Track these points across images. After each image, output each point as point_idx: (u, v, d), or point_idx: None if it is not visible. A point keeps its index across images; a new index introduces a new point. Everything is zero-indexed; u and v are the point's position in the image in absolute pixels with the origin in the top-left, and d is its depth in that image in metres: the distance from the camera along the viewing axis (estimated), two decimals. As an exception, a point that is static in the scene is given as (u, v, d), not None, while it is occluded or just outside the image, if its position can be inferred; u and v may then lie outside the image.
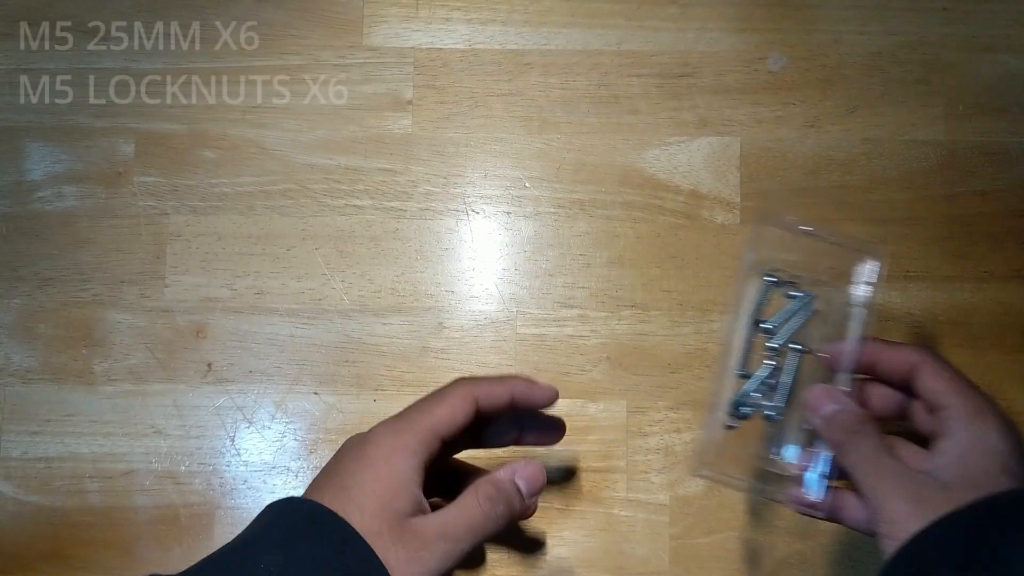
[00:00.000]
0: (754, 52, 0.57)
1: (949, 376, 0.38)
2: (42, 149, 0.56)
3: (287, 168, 0.56)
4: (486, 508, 0.38)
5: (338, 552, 0.34)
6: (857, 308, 0.42)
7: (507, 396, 0.41)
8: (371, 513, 0.36)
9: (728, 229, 0.56)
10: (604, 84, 0.57)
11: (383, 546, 0.35)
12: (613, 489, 0.54)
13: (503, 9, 0.57)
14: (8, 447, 0.54)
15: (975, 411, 0.37)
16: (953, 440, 0.37)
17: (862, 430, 0.39)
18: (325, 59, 0.57)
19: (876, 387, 0.42)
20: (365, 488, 0.37)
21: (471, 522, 0.37)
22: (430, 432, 0.38)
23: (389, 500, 0.36)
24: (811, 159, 0.56)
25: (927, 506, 0.34)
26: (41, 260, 0.56)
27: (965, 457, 0.36)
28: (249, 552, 0.35)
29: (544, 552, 0.54)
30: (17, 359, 0.55)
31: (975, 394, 0.38)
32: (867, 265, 0.43)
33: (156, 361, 0.55)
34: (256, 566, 0.33)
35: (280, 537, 0.35)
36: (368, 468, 0.37)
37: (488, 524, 0.38)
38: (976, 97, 0.57)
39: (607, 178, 0.56)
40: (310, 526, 0.35)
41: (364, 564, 0.34)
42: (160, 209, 0.56)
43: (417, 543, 0.35)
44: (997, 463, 0.35)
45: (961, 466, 0.36)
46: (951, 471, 0.36)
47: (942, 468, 0.36)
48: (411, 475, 0.37)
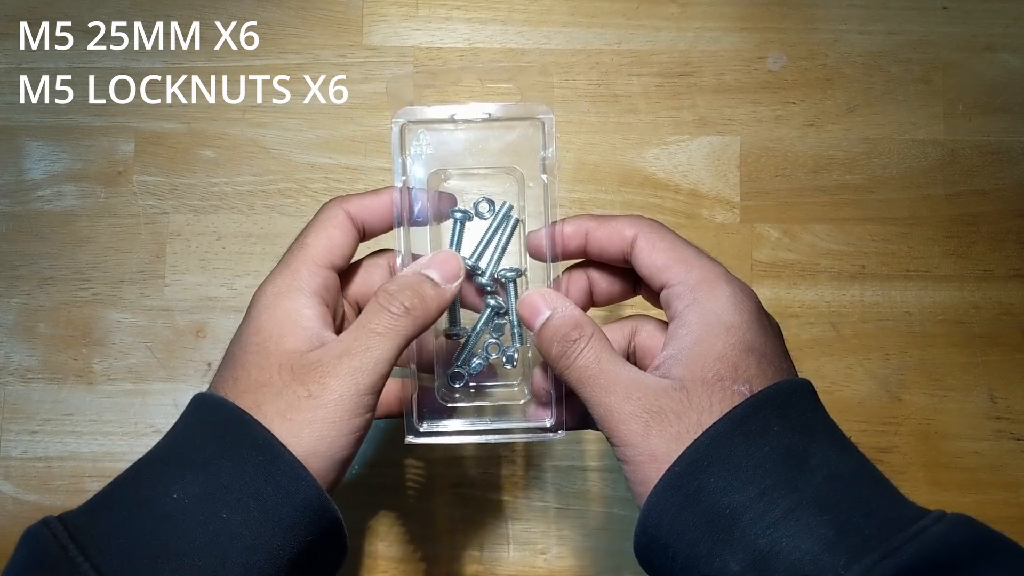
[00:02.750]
0: (754, 51, 0.57)
1: (667, 246, 0.33)
2: (42, 148, 0.56)
3: (287, 167, 0.56)
4: (388, 304, 0.32)
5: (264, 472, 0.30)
6: (543, 178, 0.36)
7: (382, 205, 0.36)
8: (256, 365, 0.32)
9: (728, 228, 0.56)
10: (604, 83, 0.57)
11: (275, 393, 0.31)
12: (613, 489, 0.54)
13: (503, 8, 0.57)
14: (8, 446, 0.54)
15: (700, 283, 0.32)
16: (681, 323, 0.32)
17: (580, 336, 0.32)
18: (325, 58, 0.57)
19: (599, 271, 0.37)
20: (248, 346, 0.32)
21: (375, 326, 0.32)
22: (310, 263, 0.34)
23: (276, 344, 0.32)
24: (811, 158, 0.56)
25: (662, 420, 0.30)
26: (41, 259, 0.56)
27: (698, 344, 0.31)
28: (162, 474, 0.30)
29: (544, 552, 0.54)
30: (17, 358, 0.55)
31: (701, 262, 0.33)
32: (543, 126, 0.36)
33: (156, 360, 0.55)
34: (168, 495, 0.29)
35: (196, 452, 0.31)
36: (251, 325, 0.33)
37: (397, 322, 0.32)
38: (976, 96, 0.57)
39: (607, 177, 0.56)
40: (227, 436, 0.31)
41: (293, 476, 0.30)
42: (160, 208, 0.56)
43: (317, 372, 0.31)
44: (733, 343, 0.30)
45: (693, 357, 0.31)
46: (683, 364, 0.31)
47: (673, 362, 0.31)
48: (299, 310, 0.33)
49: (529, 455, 0.55)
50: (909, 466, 0.55)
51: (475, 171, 0.38)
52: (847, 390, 0.55)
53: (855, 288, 0.56)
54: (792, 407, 0.30)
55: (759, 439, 0.29)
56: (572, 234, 0.35)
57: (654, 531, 0.30)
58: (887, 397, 0.55)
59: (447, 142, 0.37)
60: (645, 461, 0.30)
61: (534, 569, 0.54)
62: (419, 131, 0.37)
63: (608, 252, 0.35)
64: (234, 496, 0.29)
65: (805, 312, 0.56)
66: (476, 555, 0.54)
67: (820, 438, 0.30)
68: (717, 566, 0.28)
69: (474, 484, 0.54)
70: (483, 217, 0.38)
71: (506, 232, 0.38)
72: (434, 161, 0.37)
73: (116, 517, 0.29)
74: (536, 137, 0.36)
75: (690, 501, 0.29)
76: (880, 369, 0.55)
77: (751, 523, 0.27)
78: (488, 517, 0.54)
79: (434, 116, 0.36)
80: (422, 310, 0.33)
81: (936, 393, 0.55)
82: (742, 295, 0.32)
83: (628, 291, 0.37)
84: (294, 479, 0.30)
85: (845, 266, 0.56)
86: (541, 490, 0.54)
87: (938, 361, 0.56)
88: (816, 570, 0.26)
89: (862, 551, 0.26)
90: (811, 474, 0.28)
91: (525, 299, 0.35)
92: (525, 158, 0.37)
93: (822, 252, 0.56)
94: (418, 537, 0.54)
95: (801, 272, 0.56)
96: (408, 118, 0.36)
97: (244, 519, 0.29)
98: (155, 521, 0.29)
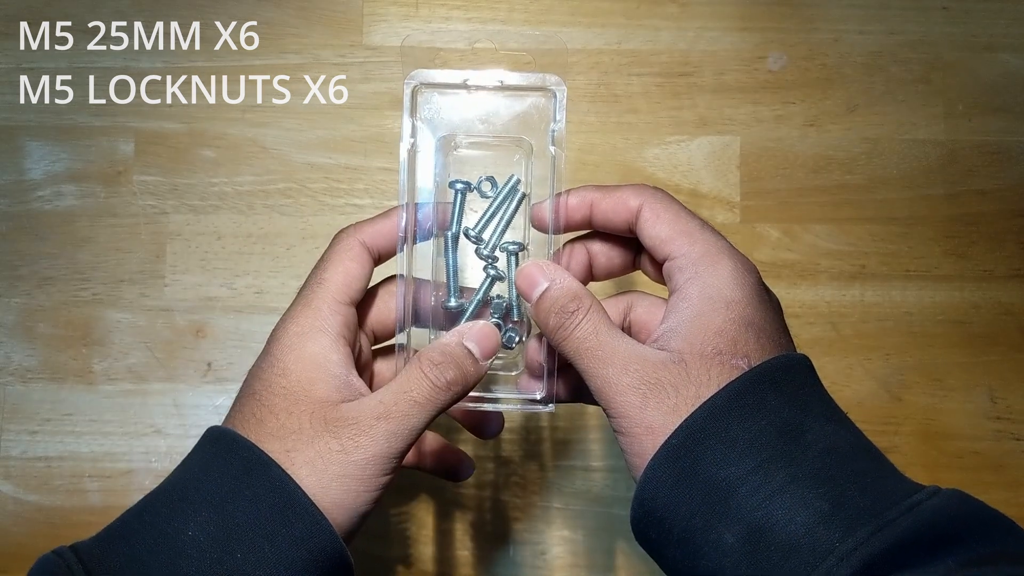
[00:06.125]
0: (754, 51, 0.57)
1: (672, 217, 0.33)
2: (42, 148, 0.56)
3: (287, 167, 0.56)
4: (433, 376, 0.32)
5: (280, 515, 0.29)
6: (552, 150, 0.36)
7: (393, 229, 0.36)
8: (285, 411, 0.31)
9: (728, 228, 0.56)
10: (604, 83, 0.57)
11: (306, 442, 0.30)
12: (613, 489, 0.54)
13: (503, 8, 0.57)
14: (8, 446, 0.54)
15: (702, 256, 0.32)
16: (681, 296, 0.32)
17: (579, 308, 0.32)
18: (325, 58, 0.57)
19: (599, 244, 0.37)
20: (275, 388, 0.32)
21: (416, 395, 0.32)
22: (331, 301, 0.34)
23: (305, 390, 0.31)
24: (811, 158, 0.56)
25: (659, 393, 0.29)
26: (41, 259, 0.56)
27: (698, 317, 0.31)
28: (178, 510, 0.30)
29: (544, 552, 0.54)
30: (17, 358, 0.55)
31: (704, 235, 0.33)
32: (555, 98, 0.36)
33: (156, 360, 0.55)
34: (184, 531, 0.29)
35: (213, 490, 0.30)
36: (276, 365, 0.32)
37: (437, 395, 0.32)
38: (976, 96, 0.57)
39: (607, 177, 0.56)
40: (245, 476, 0.30)
41: (311, 523, 0.29)
42: (160, 208, 0.56)
43: (352, 430, 0.30)
44: (733, 318, 0.30)
45: (692, 330, 0.30)
46: (682, 337, 0.30)
47: (672, 334, 0.31)
48: (327, 355, 0.32)
49: (529, 455, 0.55)
50: (909, 466, 0.55)
51: (484, 140, 0.37)
52: (847, 390, 0.55)
53: (855, 288, 0.56)
54: (789, 382, 0.30)
55: (755, 413, 0.29)
56: (577, 206, 0.35)
57: (650, 503, 0.29)
58: (887, 397, 0.55)
59: (458, 108, 0.36)
60: (642, 433, 0.30)
61: (534, 569, 0.54)
62: (432, 95, 0.36)
63: (613, 223, 0.35)
64: (249, 538, 0.29)
65: (805, 312, 0.56)
66: (476, 555, 0.54)
67: (816, 412, 0.30)
68: (712, 538, 0.28)
69: (474, 484, 0.54)
70: (485, 196, 0.38)
71: (511, 205, 0.37)
72: (444, 127, 0.36)
73: (131, 550, 0.29)
74: (548, 109, 0.36)
75: (686, 474, 0.28)
76: (880, 369, 0.55)
77: (747, 496, 0.27)
78: (488, 517, 0.54)
79: (447, 80, 0.36)
80: (462, 385, 0.33)
81: (936, 393, 0.55)
82: (743, 270, 0.32)
83: (628, 265, 0.37)
84: (311, 524, 0.30)
85: (845, 266, 0.56)
86: (541, 490, 0.54)
87: (938, 361, 0.56)
88: (811, 542, 0.26)
89: (856, 524, 0.26)
90: (807, 448, 0.28)
91: (523, 271, 0.34)
92: (535, 129, 0.36)
93: (822, 252, 0.56)
94: (418, 537, 0.54)
95: (801, 272, 0.56)
96: (420, 80, 0.35)
97: (258, 560, 0.29)
98: (168, 557, 0.29)
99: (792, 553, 0.26)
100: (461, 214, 0.37)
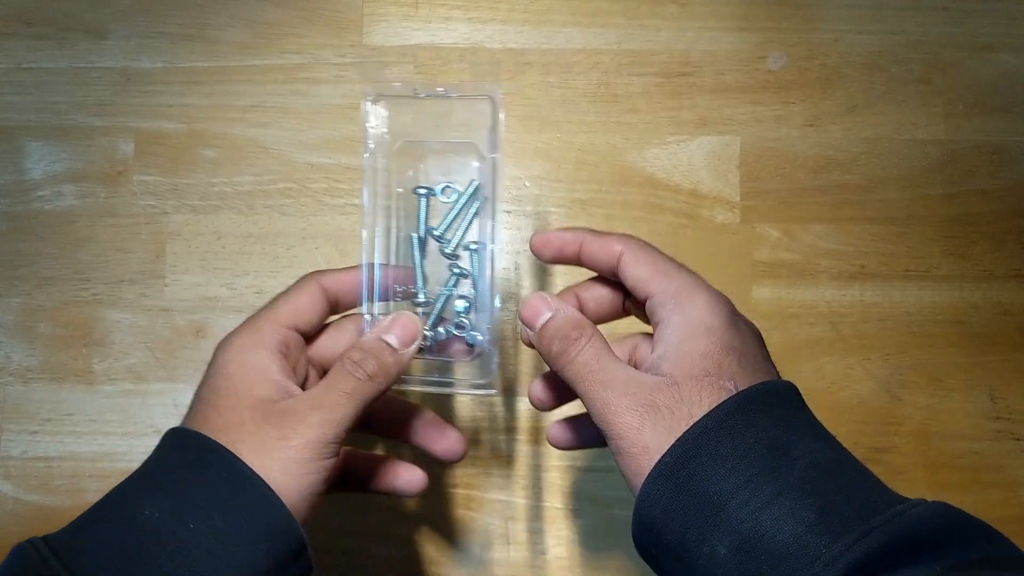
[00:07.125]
0: (754, 51, 0.57)
1: (651, 261, 0.36)
2: (42, 148, 0.56)
3: (287, 167, 0.56)
4: (355, 371, 0.36)
5: (230, 489, 0.32)
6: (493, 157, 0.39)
7: (354, 280, 0.40)
8: (229, 408, 0.35)
9: (728, 228, 0.56)
10: (604, 83, 0.57)
11: (249, 432, 0.34)
12: (613, 489, 0.54)
13: (503, 8, 0.57)
14: (8, 446, 0.54)
15: (679, 291, 0.35)
16: (666, 326, 0.34)
17: (581, 335, 0.35)
18: (325, 58, 0.57)
19: (591, 288, 0.40)
20: (220, 390, 0.36)
21: (344, 387, 0.35)
22: (274, 322, 0.38)
23: (247, 390, 0.35)
24: (811, 158, 0.56)
25: (655, 414, 0.32)
26: (41, 259, 0.56)
27: (683, 343, 0.33)
28: (136, 495, 0.33)
29: (544, 552, 0.54)
30: (17, 358, 0.55)
31: (680, 274, 0.36)
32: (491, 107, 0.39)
33: (156, 360, 0.55)
34: (141, 511, 0.32)
35: (169, 475, 0.34)
36: (220, 372, 0.36)
37: (362, 386, 0.36)
38: (976, 96, 0.57)
39: (607, 177, 0.56)
40: (197, 462, 0.34)
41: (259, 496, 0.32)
42: (160, 208, 0.56)
43: (290, 419, 0.34)
44: (714, 342, 0.33)
45: (680, 355, 0.33)
46: (672, 362, 0.33)
47: (663, 360, 0.34)
48: (266, 364, 0.36)
49: (529, 455, 0.55)
50: (909, 466, 0.55)
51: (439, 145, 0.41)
52: (847, 390, 0.55)
53: (855, 288, 0.56)
54: (776, 405, 0.32)
55: (744, 432, 0.31)
56: (570, 240, 0.38)
57: (648, 520, 0.31)
58: (887, 397, 0.55)
59: (411, 116, 0.41)
60: (639, 453, 0.32)
61: (534, 569, 0.54)
62: (386, 105, 0.40)
63: (598, 262, 0.38)
64: (202, 510, 0.32)
65: (805, 312, 0.56)
66: (476, 555, 0.54)
67: (802, 432, 0.32)
68: (706, 551, 0.29)
69: (474, 484, 0.54)
70: (445, 201, 0.41)
71: (471, 207, 0.41)
72: (399, 135, 0.40)
73: (94, 533, 0.32)
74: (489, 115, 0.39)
75: (680, 490, 0.30)
76: (880, 369, 0.55)
77: (737, 509, 0.29)
78: (488, 517, 0.54)
79: (398, 92, 0.40)
80: (383, 375, 0.37)
81: (936, 393, 0.55)
82: (717, 301, 0.35)
83: (617, 310, 0.40)
84: (259, 497, 0.32)
85: (845, 266, 0.56)
86: (541, 490, 0.54)
87: (938, 361, 0.56)
88: (799, 549, 0.28)
89: (843, 531, 0.27)
90: (793, 463, 0.30)
91: (527, 302, 0.38)
92: (483, 135, 0.40)
93: (822, 252, 0.56)
94: (418, 537, 0.54)
95: (801, 272, 0.56)
96: (376, 93, 0.40)
97: (209, 529, 0.31)
98: (127, 534, 0.31)
99: (782, 560, 0.28)
100: (427, 217, 0.41)
